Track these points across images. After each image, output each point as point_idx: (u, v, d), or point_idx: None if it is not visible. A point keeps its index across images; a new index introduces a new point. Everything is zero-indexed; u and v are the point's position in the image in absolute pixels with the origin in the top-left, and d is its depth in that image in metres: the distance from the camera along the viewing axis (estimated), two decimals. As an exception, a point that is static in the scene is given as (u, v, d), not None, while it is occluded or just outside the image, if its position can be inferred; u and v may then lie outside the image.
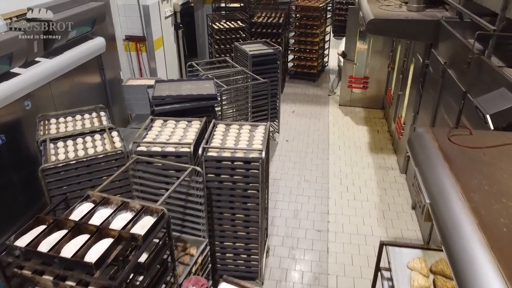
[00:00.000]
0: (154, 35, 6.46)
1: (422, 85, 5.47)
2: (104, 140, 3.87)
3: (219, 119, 5.13)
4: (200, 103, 4.38)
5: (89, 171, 3.54)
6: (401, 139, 6.40)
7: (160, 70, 6.82)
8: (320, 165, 6.51)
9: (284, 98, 9.02)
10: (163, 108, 4.29)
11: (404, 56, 6.54)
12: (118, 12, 6.23)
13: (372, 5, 5.88)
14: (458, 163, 1.96)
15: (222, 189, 3.71)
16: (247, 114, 5.61)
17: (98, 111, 4.37)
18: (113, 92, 6.20)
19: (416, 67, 5.84)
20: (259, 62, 6.41)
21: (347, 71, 8.29)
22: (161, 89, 4.58)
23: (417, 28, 5.16)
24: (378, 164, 6.52)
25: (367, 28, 5.26)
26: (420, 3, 5.50)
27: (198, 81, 4.81)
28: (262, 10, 9.42)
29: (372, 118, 8.11)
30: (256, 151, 3.56)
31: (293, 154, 6.81)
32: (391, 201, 5.61)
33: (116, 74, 6.37)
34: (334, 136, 7.39)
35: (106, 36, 6.01)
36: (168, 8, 8.06)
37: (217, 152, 3.62)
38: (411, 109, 5.85)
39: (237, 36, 8.42)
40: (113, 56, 6.26)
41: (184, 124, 4.07)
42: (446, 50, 4.64)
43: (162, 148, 3.64)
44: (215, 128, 4.04)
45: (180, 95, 4.38)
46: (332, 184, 6.01)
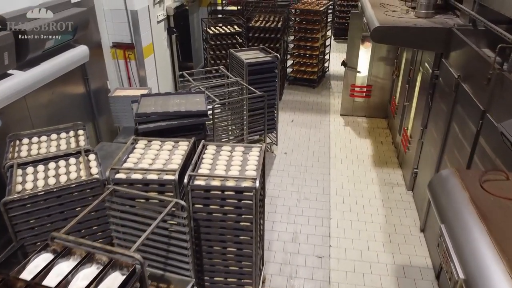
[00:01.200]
0: (144, 41, 6.05)
1: (431, 97, 5.06)
2: (79, 164, 3.46)
3: (211, 135, 4.72)
4: (189, 120, 3.97)
5: (60, 202, 3.13)
6: (407, 153, 5.98)
7: (150, 78, 6.40)
8: (321, 180, 6.09)
9: (282, 106, 8.61)
10: (147, 126, 3.88)
11: (410, 64, 6.13)
12: (105, 17, 5.81)
13: (377, 11, 5.47)
14: (499, 223, 1.55)
15: (212, 220, 3.30)
16: (243, 128, 5.20)
17: (76, 130, 3.96)
18: (99, 103, 5.79)
19: (424, 77, 5.43)
20: (255, 71, 6.01)
21: (348, 79, 7.87)
22: (146, 104, 4.18)
23: (426, 37, 4.74)
24: (383, 179, 6.11)
25: (372, 36, 4.85)
26: (429, 9, 5.09)
27: (188, 95, 4.40)
28: (260, 14, 9.00)
29: (375, 128, 7.70)
30: (249, 179, 3.15)
31: (292, 169, 6.39)
32: (397, 222, 5.20)
33: (103, 83, 5.95)
34: (335, 148, 6.98)
35: (91, 43, 5.60)
36: (160, 12, 7.66)
37: (206, 180, 3.21)
38: (419, 122, 5.44)
39: (234, 42, 8.00)
40: (99, 64, 5.85)
41: (170, 145, 3.66)
42: (459, 61, 4.23)
43: (143, 175, 3.23)
44: (204, 151, 3.63)
45: (167, 112, 3.97)
46: (333, 202, 5.60)
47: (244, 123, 5.18)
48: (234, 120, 5.27)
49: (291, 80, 9.86)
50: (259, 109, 5.07)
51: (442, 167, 4.47)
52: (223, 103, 4.66)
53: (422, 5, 5.12)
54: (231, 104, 5.23)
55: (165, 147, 3.64)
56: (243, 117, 5.15)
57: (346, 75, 7.92)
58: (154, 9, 7.35)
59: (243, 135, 5.34)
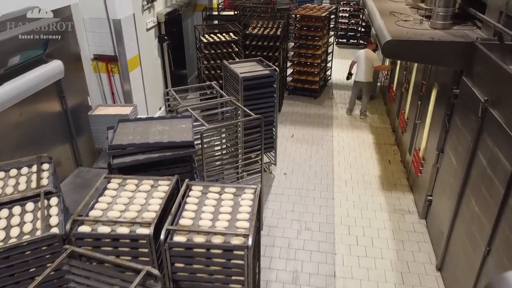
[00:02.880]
0: (128, 53, 5.47)
1: (448, 119, 4.50)
2: (37, 212, 2.88)
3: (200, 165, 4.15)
4: (172, 153, 3.40)
5: (8, 264, 2.55)
6: (419, 177, 5.41)
7: (136, 93, 5.83)
8: (324, 207, 5.52)
9: (281, 119, 8.05)
10: (122, 161, 3.31)
11: (423, 78, 5.56)
12: (85, 27, 5.24)
13: (387, 20, 4.91)
14: None
15: (195, 281, 2.73)
16: (237, 155, 4.63)
17: (40, 164, 3.38)
18: (78, 122, 5.22)
19: (440, 94, 4.87)
20: (252, 86, 5.44)
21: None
22: (124, 132, 3.60)
23: (445, 52, 4.18)
24: (392, 205, 5.54)
25: (383, 50, 4.28)
26: (446, 19, 4.52)
27: (173, 120, 3.83)
28: (258, 20, 8.43)
29: (382, 144, 7.13)
30: (240, 235, 2.58)
31: (292, 192, 5.82)
32: (410, 259, 4.63)
33: (83, 100, 5.39)
34: (339, 168, 6.41)
35: (69, 56, 5.04)
36: (150, 19, 7.09)
37: (188, 234, 2.64)
38: (433, 144, 4.88)
39: (229, 51, 7.43)
40: (79, 79, 5.28)
41: (148, 186, 3.10)
42: (486, 82, 3.66)
43: (112, 228, 2.66)
44: (189, 192, 3.05)
45: (146, 143, 3.40)
46: (338, 233, 5.03)
47: (239, 144, 4.60)
48: (228, 142, 4.69)
49: (291, 89, 9.30)
50: (256, 127, 4.48)
51: (464, 202, 3.90)
52: (214, 128, 4.08)
53: (438, 15, 4.55)
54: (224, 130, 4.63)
55: (142, 188, 3.07)
56: (237, 139, 4.58)
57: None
58: (143, 16, 6.79)
59: (238, 155, 4.76)
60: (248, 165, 5.21)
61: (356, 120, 8.05)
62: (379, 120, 8.06)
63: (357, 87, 8.09)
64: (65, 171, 4.94)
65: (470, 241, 3.68)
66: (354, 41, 13.01)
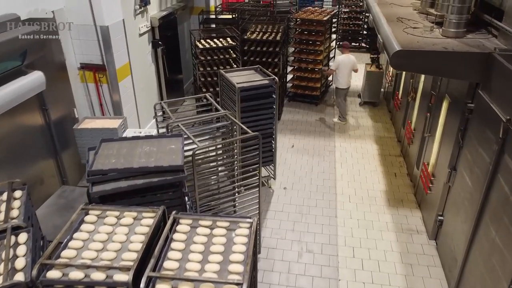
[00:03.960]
0: (118, 62, 5.13)
1: (462, 135, 4.15)
2: (2, 252, 2.53)
3: (192, 187, 3.80)
4: (158, 179, 3.04)
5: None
6: (429, 194, 5.06)
7: (127, 104, 5.48)
8: (326, 225, 5.17)
9: (281, 128, 7.70)
10: (103, 189, 2.95)
11: (432, 88, 5.22)
12: (70, 35, 4.89)
13: (395, 28, 4.55)
14: None
15: (182, 333, 2.37)
16: (234, 175, 4.28)
17: (12, 191, 3.03)
18: (63, 135, 4.87)
19: (452, 108, 4.52)
20: (249, 96, 5.10)
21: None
22: (106, 154, 3.25)
23: (460, 63, 3.83)
24: (399, 224, 5.19)
25: (391, 62, 3.93)
26: (459, 27, 4.17)
27: (161, 140, 3.48)
28: (257, 24, 8.08)
29: (387, 156, 6.78)
30: (232, 284, 2.23)
31: (292, 209, 5.48)
32: (420, 286, 4.28)
33: (69, 112, 5.04)
34: (342, 182, 6.06)
35: (53, 65, 4.70)
36: (143, 24, 6.76)
37: (172, 281, 2.29)
38: (445, 161, 4.53)
39: (226, 57, 7.08)
40: (64, 90, 4.94)
41: (131, 219, 2.75)
42: (507, 98, 3.31)
43: (86, 273, 2.31)
44: (176, 227, 2.70)
45: (130, 168, 3.05)
46: (342, 256, 4.68)
47: (235, 163, 4.24)
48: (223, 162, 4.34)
49: (291, 96, 8.95)
50: (253, 149, 4.11)
51: (482, 230, 3.55)
52: (206, 147, 3.72)
53: (451, 23, 4.19)
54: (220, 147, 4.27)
55: (124, 221, 2.73)
56: (234, 163, 4.22)
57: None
58: (135, 21, 6.46)
59: (236, 175, 4.40)
60: (246, 179, 4.86)
61: (359, 129, 7.71)
62: (383, 129, 7.72)
63: (342, 94, 7.86)
64: (49, 189, 4.60)
65: (489, 274, 3.33)
66: (356, 44, 12.66)
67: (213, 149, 4.06)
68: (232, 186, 4.36)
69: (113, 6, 4.97)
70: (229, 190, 4.30)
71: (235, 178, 4.49)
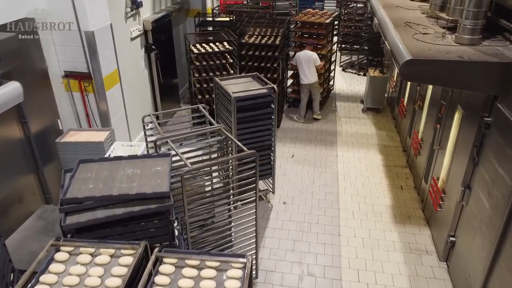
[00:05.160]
0: (105, 70, 4.77)
1: (477, 151, 3.80)
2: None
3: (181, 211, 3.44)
4: (140, 208, 2.69)
5: None
6: (439, 212, 4.71)
7: (115, 114, 5.13)
8: (329, 245, 4.82)
9: (281, 136, 7.35)
10: (77, 221, 2.60)
11: (442, 97, 4.87)
12: (53, 41, 4.54)
13: (403, 34, 4.20)
14: None
15: None
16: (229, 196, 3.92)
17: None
18: (46, 149, 4.53)
19: (465, 120, 4.17)
20: (246, 107, 4.76)
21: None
22: (84, 178, 2.91)
23: (477, 74, 3.48)
24: (407, 243, 4.84)
25: (401, 72, 3.58)
26: (475, 33, 3.81)
27: (146, 160, 3.13)
28: (255, 27, 7.72)
29: (392, 167, 6.43)
30: None
31: (292, 226, 5.12)
32: (432, 315, 3.94)
33: (52, 123, 4.69)
34: (345, 196, 5.71)
35: (33, 74, 4.36)
36: (135, 27, 6.41)
37: None
38: (457, 178, 4.18)
39: (223, 62, 6.73)
40: (46, 100, 4.60)
41: (107, 257, 2.40)
42: (532, 115, 2.96)
43: (50, 329, 1.97)
44: (158, 268, 2.35)
45: (109, 195, 2.70)
46: (346, 280, 4.33)
47: (230, 184, 3.87)
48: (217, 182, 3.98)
49: (291, 102, 8.59)
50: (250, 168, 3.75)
51: (504, 260, 3.20)
52: (196, 168, 3.35)
53: (465, 29, 3.84)
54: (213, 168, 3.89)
55: (99, 260, 2.37)
56: (228, 183, 3.86)
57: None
58: (126, 24, 6.11)
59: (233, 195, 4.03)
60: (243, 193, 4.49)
61: (362, 137, 7.36)
62: (387, 137, 7.37)
63: (306, 89, 7.68)
64: (31, 207, 4.25)
65: (513, 311, 2.98)
66: (357, 46, 12.28)
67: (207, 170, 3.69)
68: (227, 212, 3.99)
69: (99, 10, 4.61)
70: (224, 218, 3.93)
71: (231, 200, 4.07)
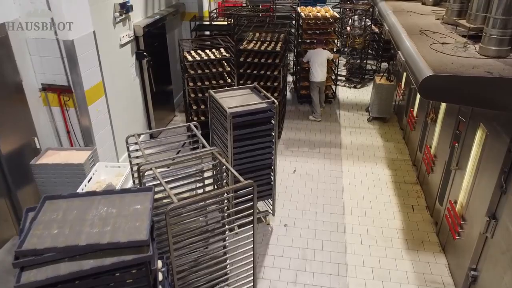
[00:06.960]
0: (86, 82, 4.31)
1: (505, 178, 3.34)
2: None
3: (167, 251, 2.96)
4: (112, 263, 2.22)
5: None
6: (457, 240, 4.25)
7: (100, 130, 4.67)
8: (335, 276, 4.36)
9: (281, 148, 6.89)
10: (34, 279, 2.14)
11: (460, 113, 4.40)
12: (29, 50, 4.08)
13: (420, 44, 3.74)
14: None
15: None
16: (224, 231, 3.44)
17: None
18: (20, 171, 4.07)
19: (489, 141, 3.70)
20: (243, 123, 4.30)
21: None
22: (48, 220, 2.45)
23: (504, 92, 3.02)
24: (422, 274, 4.37)
25: (421, 90, 3.11)
26: (503, 44, 3.34)
27: (124, 196, 2.66)
28: (255, 31, 7.26)
29: (401, 183, 5.96)
30: None
31: (294, 253, 4.66)
32: None
33: (28, 142, 4.23)
34: (352, 218, 5.24)
35: (5, 87, 3.89)
36: (125, 33, 5.96)
37: None
38: (480, 205, 3.72)
39: (220, 70, 6.27)
40: (20, 116, 4.13)
41: (67, 329, 1.93)
42: None
43: None
44: None
45: (74, 246, 2.23)
46: (355, 320, 3.86)
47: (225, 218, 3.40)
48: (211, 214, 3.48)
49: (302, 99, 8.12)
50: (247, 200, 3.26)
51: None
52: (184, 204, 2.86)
53: (491, 39, 3.37)
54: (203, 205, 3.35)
55: (57, 334, 1.91)
56: (223, 217, 3.38)
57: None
58: (115, 30, 5.67)
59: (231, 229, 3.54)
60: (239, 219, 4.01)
61: (368, 150, 6.89)
62: (395, 149, 6.90)
63: (316, 88, 7.65)
64: (2, 236, 3.82)
65: None
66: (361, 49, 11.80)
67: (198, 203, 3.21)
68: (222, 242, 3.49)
69: (80, 16, 4.15)
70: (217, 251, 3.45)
71: (226, 235, 3.55)
